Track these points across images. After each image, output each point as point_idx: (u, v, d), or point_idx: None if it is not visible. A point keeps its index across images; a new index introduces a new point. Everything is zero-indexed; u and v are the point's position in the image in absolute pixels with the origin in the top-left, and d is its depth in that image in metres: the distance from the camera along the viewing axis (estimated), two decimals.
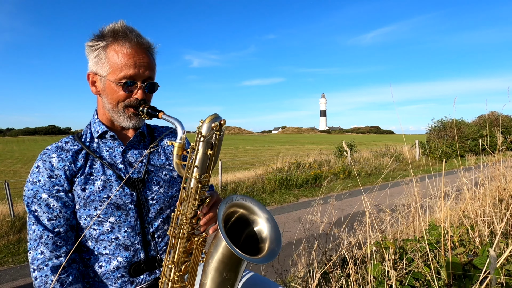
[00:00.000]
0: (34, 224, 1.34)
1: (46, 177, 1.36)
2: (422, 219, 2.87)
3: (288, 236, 6.14)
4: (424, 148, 19.82)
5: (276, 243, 1.32)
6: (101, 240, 1.43)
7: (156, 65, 1.51)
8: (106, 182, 1.42)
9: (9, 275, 5.45)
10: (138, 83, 1.41)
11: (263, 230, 1.36)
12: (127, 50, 1.37)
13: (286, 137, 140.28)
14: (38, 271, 1.31)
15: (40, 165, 1.37)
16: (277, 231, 1.35)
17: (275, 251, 1.29)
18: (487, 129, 13.36)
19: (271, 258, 1.26)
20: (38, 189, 1.35)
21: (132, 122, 1.47)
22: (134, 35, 1.39)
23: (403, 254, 2.18)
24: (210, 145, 1.24)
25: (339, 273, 2.11)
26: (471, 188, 3.05)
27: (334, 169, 14.78)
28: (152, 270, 1.53)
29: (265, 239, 1.35)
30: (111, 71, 1.38)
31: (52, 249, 1.33)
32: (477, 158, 3.67)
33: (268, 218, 1.37)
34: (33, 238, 1.34)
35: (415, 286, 1.82)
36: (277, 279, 3.14)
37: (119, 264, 1.44)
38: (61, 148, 1.42)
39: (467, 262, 1.95)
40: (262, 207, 1.39)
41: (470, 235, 2.31)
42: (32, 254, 1.33)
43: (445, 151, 19.03)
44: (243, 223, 1.40)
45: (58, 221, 1.36)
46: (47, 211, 1.35)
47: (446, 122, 22.55)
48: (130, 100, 1.42)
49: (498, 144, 3.27)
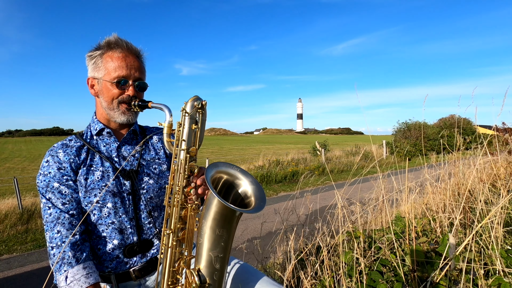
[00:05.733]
0: (50, 209, 1.41)
1: (55, 169, 1.45)
2: (389, 211, 2.88)
3: (268, 226, 6.13)
4: (390, 147, 20.05)
5: (261, 199, 1.35)
6: (100, 224, 1.50)
7: (145, 69, 1.61)
8: (104, 172, 1.51)
9: (18, 261, 5.53)
10: (130, 81, 1.51)
11: (248, 190, 1.39)
12: (118, 55, 1.49)
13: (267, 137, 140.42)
14: (56, 248, 1.36)
15: (49, 160, 1.47)
16: (261, 191, 1.39)
17: (261, 205, 1.31)
18: (448, 131, 13.58)
19: (258, 210, 1.29)
20: (50, 179, 1.44)
21: (126, 116, 1.55)
22: (124, 42, 1.52)
23: (371, 243, 2.19)
24: (194, 120, 1.32)
25: (314, 260, 2.11)
26: (433, 183, 3.07)
27: (309, 166, 14.85)
28: (144, 253, 1.59)
29: (250, 196, 1.38)
30: (106, 73, 1.49)
31: (68, 227, 1.40)
32: (437, 157, 3.70)
33: (252, 181, 1.41)
34: (50, 220, 1.40)
35: (383, 271, 1.82)
36: (258, 265, 3.12)
37: (115, 246, 1.51)
38: (66, 145, 1.52)
39: (429, 250, 1.96)
40: (246, 172, 1.42)
41: (432, 226, 2.33)
42: (49, 234, 1.38)
43: (409, 150, 19.28)
44: (230, 187, 1.43)
45: (71, 204, 1.44)
46: (60, 197, 1.43)
47: (410, 124, 22.85)
48: (123, 97, 1.52)
49: (458, 143, 3.31)
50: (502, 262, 1.66)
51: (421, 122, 22.10)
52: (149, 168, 1.64)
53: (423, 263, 1.77)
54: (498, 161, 3.54)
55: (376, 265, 1.88)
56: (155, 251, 1.62)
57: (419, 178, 3.26)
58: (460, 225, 2.27)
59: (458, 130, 6.80)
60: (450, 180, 3.05)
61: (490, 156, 3.25)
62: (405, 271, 1.75)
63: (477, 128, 4.73)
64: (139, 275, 1.56)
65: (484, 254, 1.79)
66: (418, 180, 3.26)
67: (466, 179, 3.08)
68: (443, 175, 3.17)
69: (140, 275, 1.56)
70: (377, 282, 1.74)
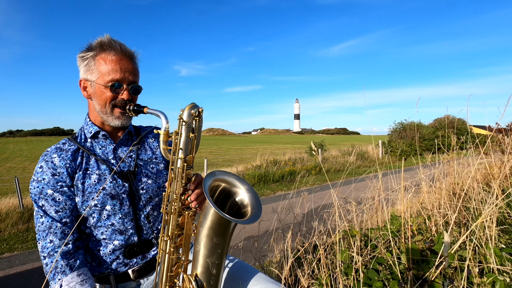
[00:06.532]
0: (42, 217, 1.37)
1: (49, 175, 1.39)
2: (385, 210, 2.88)
3: (265, 225, 6.12)
4: (386, 147, 20.07)
5: (257, 207, 1.36)
6: (99, 226, 1.47)
7: (139, 72, 1.57)
8: (100, 175, 1.47)
9: (19, 260, 5.54)
10: (124, 85, 1.47)
11: (245, 198, 1.40)
12: (112, 58, 1.44)
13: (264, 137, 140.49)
14: (48, 257, 1.33)
15: (43, 165, 1.41)
16: (257, 199, 1.40)
17: (257, 214, 1.33)
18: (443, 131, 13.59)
19: (254, 220, 1.30)
20: (43, 186, 1.38)
21: (120, 121, 1.51)
22: (117, 44, 1.46)
23: (367, 242, 2.19)
24: (191, 129, 1.30)
25: (311, 258, 2.11)
26: (428, 182, 3.08)
27: (306, 166, 14.85)
28: (144, 254, 1.57)
29: (247, 205, 1.39)
30: (99, 76, 1.44)
31: (60, 237, 1.36)
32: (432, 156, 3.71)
33: (248, 189, 1.41)
34: (42, 229, 1.36)
35: (379, 269, 1.83)
36: (255, 263, 3.12)
37: (115, 247, 1.49)
38: (60, 149, 1.46)
39: (424, 248, 1.96)
40: (242, 180, 1.43)
41: (427, 225, 2.33)
42: (41, 244, 1.35)
43: (405, 150, 19.31)
44: (227, 195, 1.44)
45: (64, 212, 1.39)
46: (54, 205, 1.38)
47: (405, 124, 22.88)
48: (118, 101, 1.48)
49: (453, 143, 3.32)
50: (496, 260, 1.66)
51: (416, 122, 22.15)
52: (146, 168, 1.61)
53: (418, 262, 1.77)
54: (492, 161, 3.55)
55: (372, 263, 1.88)
56: (155, 252, 1.61)
57: (414, 178, 3.26)
58: (454, 224, 2.27)
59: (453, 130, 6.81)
60: (445, 180, 3.06)
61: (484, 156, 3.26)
62: (401, 269, 1.75)
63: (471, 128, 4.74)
64: (138, 275, 1.54)
65: (479, 253, 1.79)
66: (413, 180, 3.26)
67: (461, 178, 3.09)
68: (438, 175, 3.17)
69: (139, 275, 1.55)
70: (373, 280, 1.74)
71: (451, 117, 23.40)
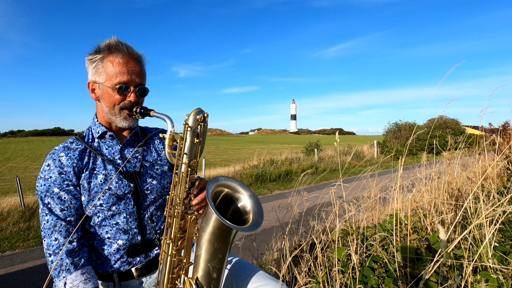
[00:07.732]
0: (47, 215, 1.37)
1: (56, 173, 1.39)
2: (381, 209, 2.89)
3: (263, 224, 6.12)
4: (381, 147, 20.10)
5: (259, 214, 1.36)
6: (104, 225, 1.47)
7: (146, 73, 1.56)
8: (107, 175, 1.47)
9: (20, 258, 5.55)
10: (131, 87, 1.47)
11: (247, 205, 1.40)
12: (120, 60, 1.44)
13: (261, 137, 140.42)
14: (54, 255, 1.34)
15: (50, 164, 1.41)
16: (259, 205, 1.40)
17: (259, 222, 1.33)
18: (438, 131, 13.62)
19: (255, 227, 1.30)
20: (50, 184, 1.39)
21: (127, 122, 1.52)
22: (125, 47, 1.47)
23: (364, 240, 2.19)
24: (196, 134, 1.30)
25: (308, 256, 2.11)
26: (424, 182, 3.08)
27: (303, 165, 14.87)
28: (147, 253, 1.58)
29: (249, 212, 1.39)
30: (107, 78, 1.44)
31: (65, 235, 1.36)
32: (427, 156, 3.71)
33: (250, 195, 1.41)
34: (47, 227, 1.36)
35: (374, 267, 1.83)
36: (253, 261, 3.12)
37: (119, 246, 1.49)
38: (68, 147, 1.46)
39: (419, 247, 1.96)
40: (245, 186, 1.43)
41: (423, 223, 2.33)
42: (46, 241, 1.35)
43: (399, 150, 19.35)
44: (229, 201, 1.44)
45: (69, 211, 1.40)
46: (59, 203, 1.38)
47: (400, 125, 22.94)
48: (125, 103, 1.48)
49: (449, 143, 3.33)
50: (491, 259, 1.67)
51: (411, 123, 22.19)
52: (152, 169, 1.62)
53: (413, 260, 1.77)
54: (486, 161, 3.56)
55: (368, 261, 1.88)
56: (158, 251, 1.61)
57: (409, 177, 3.26)
58: (450, 222, 2.28)
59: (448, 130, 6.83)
60: (441, 179, 3.06)
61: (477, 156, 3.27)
62: (396, 267, 1.75)
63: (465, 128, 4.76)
64: (141, 273, 1.55)
65: (473, 251, 1.79)
66: (409, 179, 3.27)
67: (456, 178, 3.09)
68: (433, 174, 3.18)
69: (142, 273, 1.55)
70: (369, 277, 1.74)
71: (444, 117, 23.50)
